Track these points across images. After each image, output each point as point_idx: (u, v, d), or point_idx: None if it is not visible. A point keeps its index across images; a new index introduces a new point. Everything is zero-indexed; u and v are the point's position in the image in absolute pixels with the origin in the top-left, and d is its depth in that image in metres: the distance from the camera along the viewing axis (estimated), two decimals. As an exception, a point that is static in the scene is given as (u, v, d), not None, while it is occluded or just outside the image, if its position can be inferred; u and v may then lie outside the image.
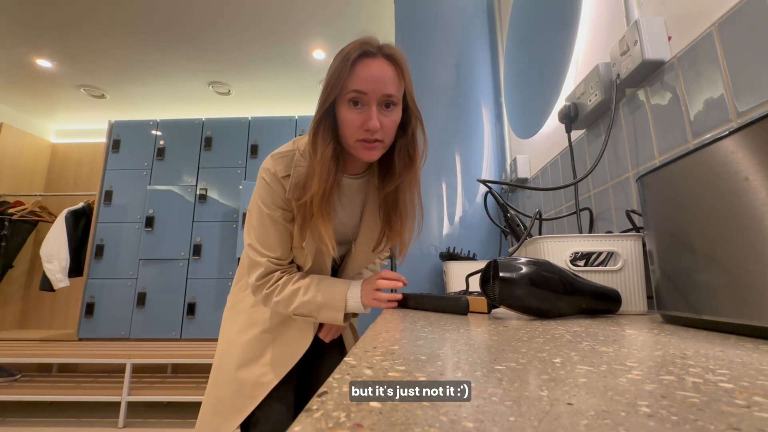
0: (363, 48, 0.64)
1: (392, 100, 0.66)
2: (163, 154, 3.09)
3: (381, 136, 0.66)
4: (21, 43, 2.67)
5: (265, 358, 0.79)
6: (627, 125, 0.84)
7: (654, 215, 0.50)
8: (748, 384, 0.20)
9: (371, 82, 0.63)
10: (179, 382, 2.54)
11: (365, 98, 0.64)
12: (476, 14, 1.75)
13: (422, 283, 1.44)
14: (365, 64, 0.64)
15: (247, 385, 0.77)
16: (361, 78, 0.63)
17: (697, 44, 0.64)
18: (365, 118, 0.64)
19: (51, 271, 2.79)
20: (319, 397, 0.18)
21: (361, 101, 0.64)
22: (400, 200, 0.75)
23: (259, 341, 0.80)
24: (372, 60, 0.65)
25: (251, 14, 2.43)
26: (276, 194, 0.73)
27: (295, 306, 0.73)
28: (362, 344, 0.33)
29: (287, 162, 0.73)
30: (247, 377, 0.77)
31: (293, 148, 0.75)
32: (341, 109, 0.66)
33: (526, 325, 0.46)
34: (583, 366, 0.24)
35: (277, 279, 0.74)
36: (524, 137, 1.46)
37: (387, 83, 0.64)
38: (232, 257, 2.89)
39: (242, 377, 0.77)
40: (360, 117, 0.64)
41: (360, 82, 0.63)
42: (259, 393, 0.76)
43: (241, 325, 0.82)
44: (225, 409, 0.77)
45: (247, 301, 0.84)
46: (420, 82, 1.71)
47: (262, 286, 0.75)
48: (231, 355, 0.80)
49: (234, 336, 0.82)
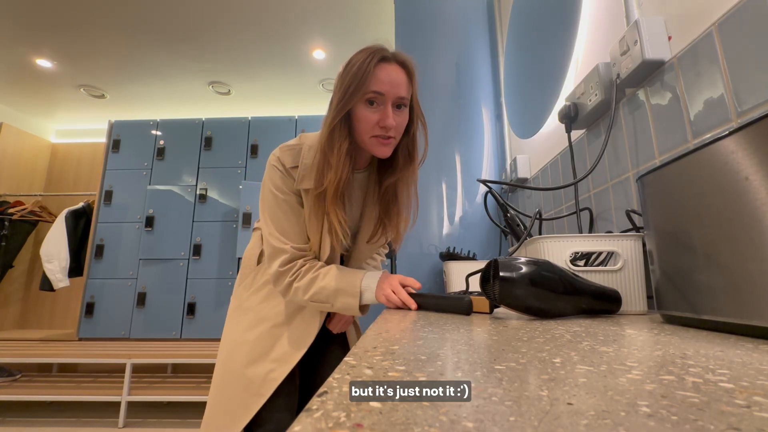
0: (382, 53, 0.71)
1: (404, 102, 0.72)
2: (163, 154, 3.09)
3: (394, 134, 0.72)
4: (21, 43, 2.67)
5: (273, 353, 0.79)
6: (627, 125, 0.84)
7: (654, 215, 0.50)
8: (748, 384, 0.20)
9: (388, 85, 0.70)
10: (179, 382, 2.54)
11: (381, 99, 0.70)
12: (476, 14, 1.75)
13: (422, 282, 1.44)
14: (384, 68, 0.70)
15: (255, 382, 0.77)
16: (380, 80, 0.70)
17: (697, 44, 0.64)
18: (382, 116, 0.70)
19: (51, 271, 2.79)
20: (319, 397, 0.18)
21: (377, 101, 0.70)
22: (399, 193, 0.79)
23: (268, 336, 0.80)
24: (389, 65, 0.71)
25: (251, 14, 2.43)
26: (287, 182, 0.77)
27: (313, 292, 0.74)
28: (362, 344, 0.33)
29: (295, 154, 0.77)
30: (256, 374, 0.77)
31: (300, 142, 0.79)
32: (358, 108, 0.71)
33: (526, 324, 0.46)
34: (583, 366, 0.24)
35: (300, 266, 0.76)
36: (524, 137, 1.45)
37: (401, 87, 0.71)
38: (232, 257, 2.89)
39: (251, 374, 0.78)
40: (376, 115, 0.70)
41: (379, 84, 0.69)
42: (267, 390, 0.76)
43: (249, 323, 0.82)
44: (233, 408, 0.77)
45: (253, 299, 0.85)
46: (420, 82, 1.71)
47: (285, 272, 0.76)
48: (238, 353, 0.80)
49: (240, 334, 0.82)
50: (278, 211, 0.77)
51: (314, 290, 0.74)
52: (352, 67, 0.71)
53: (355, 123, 0.72)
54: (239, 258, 2.85)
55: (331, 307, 0.76)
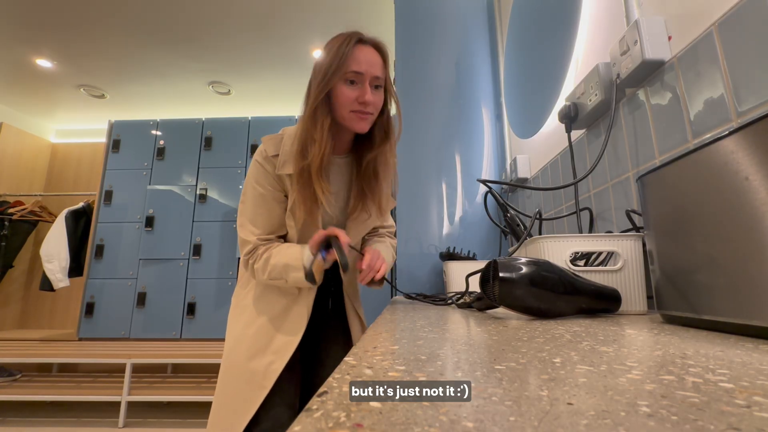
0: (358, 36, 0.77)
1: (379, 82, 0.78)
2: (163, 154, 3.09)
3: (372, 110, 0.78)
4: (21, 43, 2.67)
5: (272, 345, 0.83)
6: (627, 125, 0.84)
7: (654, 215, 0.50)
8: (748, 384, 0.20)
9: (366, 64, 0.76)
10: (179, 382, 2.54)
11: (360, 78, 0.76)
12: (476, 14, 1.75)
13: (422, 282, 1.44)
14: (361, 49, 0.76)
15: (258, 375, 0.80)
16: (359, 60, 0.75)
17: (697, 44, 0.64)
18: (360, 93, 0.76)
19: (51, 271, 2.79)
20: (319, 397, 0.18)
21: (356, 80, 0.76)
22: (378, 168, 0.85)
23: (266, 330, 0.84)
24: (365, 47, 0.77)
25: (251, 14, 2.43)
26: (268, 174, 0.83)
27: (269, 271, 0.80)
28: (362, 344, 0.33)
29: (276, 143, 0.84)
30: (258, 366, 0.81)
31: (281, 133, 0.87)
32: (339, 87, 0.77)
33: (526, 325, 0.46)
34: (583, 366, 0.24)
35: (261, 252, 0.83)
36: (524, 137, 1.45)
37: (377, 67, 0.77)
38: (232, 257, 2.89)
39: (253, 367, 0.81)
40: (356, 92, 0.76)
41: (358, 64, 0.75)
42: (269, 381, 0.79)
43: (247, 319, 0.86)
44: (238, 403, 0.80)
45: (249, 297, 0.89)
46: (420, 82, 1.72)
47: (248, 259, 0.84)
48: (240, 348, 0.83)
49: (241, 331, 0.86)
50: (253, 202, 0.84)
51: (269, 269, 0.80)
52: (331, 50, 0.77)
53: (335, 100, 0.78)
54: (239, 258, 2.85)
55: (286, 283, 0.81)
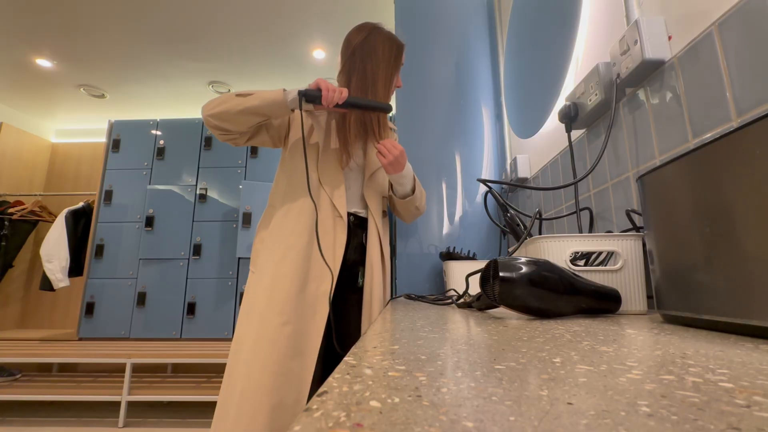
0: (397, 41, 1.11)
1: None
2: (163, 154, 3.09)
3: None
4: (21, 43, 2.67)
5: (312, 273, 0.87)
6: (627, 125, 0.84)
7: (654, 215, 0.50)
8: (748, 384, 0.20)
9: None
10: (179, 382, 2.53)
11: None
12: (476, 14, 1.75)
13: (422, 282, 1.44)
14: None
15: (308, 301, 0.85)
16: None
17: (697, 44, 0.64)
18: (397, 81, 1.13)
19: (51, 270, 2.79)
20: (319, 397, 0.18)
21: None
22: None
23: (302, 259, 0.88)
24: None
25: (251, 14, 2.43)
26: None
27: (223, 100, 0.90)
28: (362, 344, 0.33)
29: None
30: (308, 294, 0.85)
31: None
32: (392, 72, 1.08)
33: (526, 324, 0.46)
34: (583, 365, 0.24)
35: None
36: (524, 137, 1.45)
37: None
38: (232, 257, 2.89)
39: (306, 294, 0.86)
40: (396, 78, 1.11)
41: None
42: (321, 305, 0.84)
43: (277, 260, 0.90)
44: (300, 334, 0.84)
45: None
46: (420, 82, 1.72)
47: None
48: (282, 284, 0.86)
49: (275, 268, 0.88)
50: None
51: (235, 94, 0.90)
52: (392, 42, 1.08)
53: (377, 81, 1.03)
54: (239, 258, 2.85)
55: (256, 105, 0.87)
